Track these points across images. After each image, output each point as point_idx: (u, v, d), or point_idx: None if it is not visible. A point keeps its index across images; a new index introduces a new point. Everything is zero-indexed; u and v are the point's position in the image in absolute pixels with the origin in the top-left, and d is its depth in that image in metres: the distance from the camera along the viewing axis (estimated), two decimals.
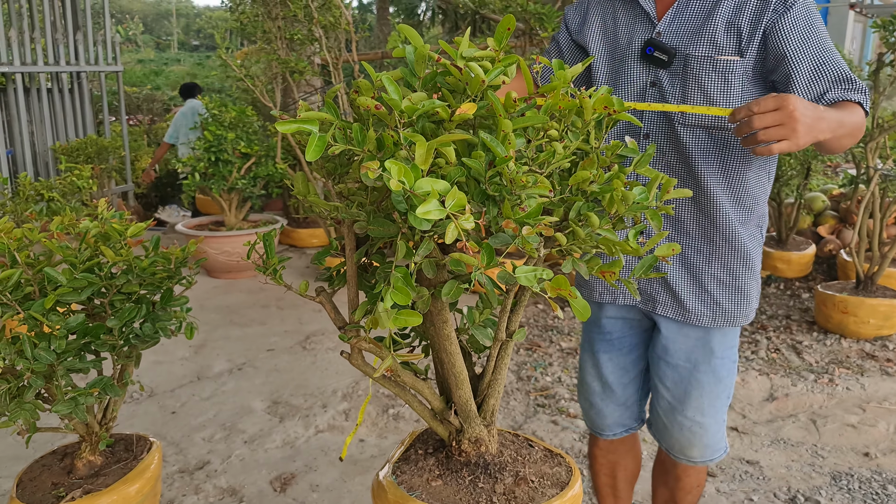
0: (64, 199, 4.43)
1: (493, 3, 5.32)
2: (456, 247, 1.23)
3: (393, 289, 1.10)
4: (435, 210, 0.99)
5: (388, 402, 3.50)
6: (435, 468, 1.41)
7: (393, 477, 1.39)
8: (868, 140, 4.19)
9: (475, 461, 1.41)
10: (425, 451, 1.48)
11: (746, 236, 1.78)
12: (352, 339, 1.30)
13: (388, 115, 1.17)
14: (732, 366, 1.89)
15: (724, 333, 1.84)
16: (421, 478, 1.39)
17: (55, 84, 6.39)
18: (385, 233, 1.17)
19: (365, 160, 1.12)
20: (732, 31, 1.63)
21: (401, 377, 1.36)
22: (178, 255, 2.14)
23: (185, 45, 49.13)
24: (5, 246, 1.99)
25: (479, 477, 1.38)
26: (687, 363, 1.86)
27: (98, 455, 2.17)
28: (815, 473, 2.93)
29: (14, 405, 1.92)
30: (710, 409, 1.86)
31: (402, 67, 1.26)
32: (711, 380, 1.84)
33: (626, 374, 2.00)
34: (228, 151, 5.42)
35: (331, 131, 1.12)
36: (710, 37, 1.64)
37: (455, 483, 1.37)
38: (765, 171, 1.79)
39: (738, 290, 1.80)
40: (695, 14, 1.69)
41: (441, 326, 1.30)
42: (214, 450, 3.07)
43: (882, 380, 3.78)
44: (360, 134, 1.13)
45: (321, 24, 4.92)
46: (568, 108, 1.29)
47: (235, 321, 4.66)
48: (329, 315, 1.35)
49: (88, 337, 2.03)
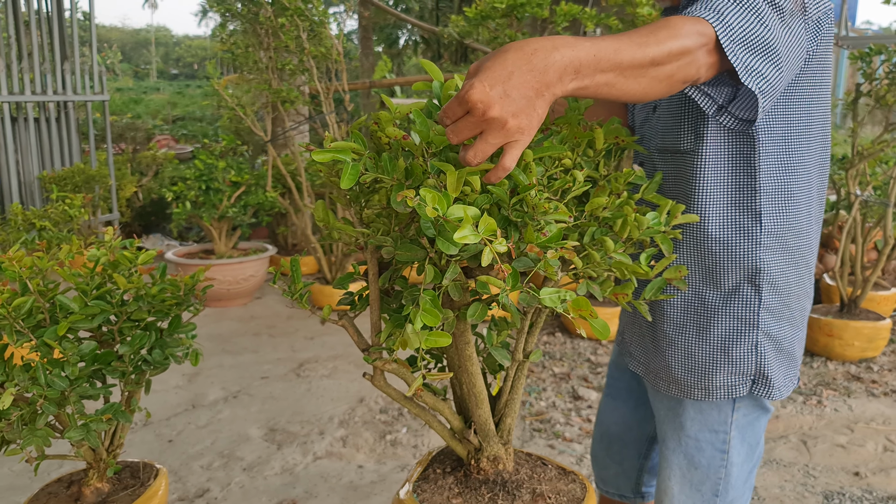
0: (56, 228, 4.43)
1: (481, 35, 5.42)
2: (478, 271, 1.28)
3: (422, 311, 1.15)
4: (470, 235, 1.04)
5: (384, 428, 3.53)
6: (454, 486, 1.45)
7: (414, 496, 1.42)
8: (848, 167, 4.31)
9: (493, 479, 1.45)
10: (443, 470, 1.52)
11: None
12: (376, 361, 1.34)
13: (413, 145, 1.22)
14: (718, 454, 1.47)
15: (700, 409, 1.46)
16: (441, 496, 1.42)
17: (42, 113, 6.40)
18: (413, 257, 1.22)
19: (395, 188, 1.17)
20: None
21: (422, 398, 1.40)
22: (187, 282, 2.17)
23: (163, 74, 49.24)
24: (17, 274, 2.01)
25: (498, 494, 1.42)
26: (661, 426, 1.55)
27: (106, 482, 2.18)
28: (808, 493, 2.98)
29: (26, 432, 1.93)
30: (681, 496, 1.50)
31: (428, 99, 1.31)
32: (683, 463, 1.49)
33: (627, 431, 1.78)
34: (219, 180, 5.45)
35: (363, 161, 1.17)
36: None
37: (475, 500, 1.41)
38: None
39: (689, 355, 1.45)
40: None
41: (463, 347, 1.34)
42: (214, 477, 3.07)
43: (868, 401, 3.86)
44: (389, 163, 1.18)
45: (312, 55, 4.99)
46: (582, 139, 1.35)
47: (228, 349, 4.66)
48: (352, 338, 1.39)
49: (98, 364, 2.05)
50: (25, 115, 6.21)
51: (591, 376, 4.18)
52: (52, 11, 6.43)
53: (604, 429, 1.83)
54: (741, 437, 1.46)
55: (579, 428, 3.53)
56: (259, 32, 5.11)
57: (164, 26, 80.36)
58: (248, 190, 5.64)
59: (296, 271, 1.40)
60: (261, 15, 4.98)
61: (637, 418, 1.74)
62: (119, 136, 12.54)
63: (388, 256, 1.26)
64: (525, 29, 5.29)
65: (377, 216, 1.37)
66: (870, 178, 4.48)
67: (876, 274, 4.37)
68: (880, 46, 4.07)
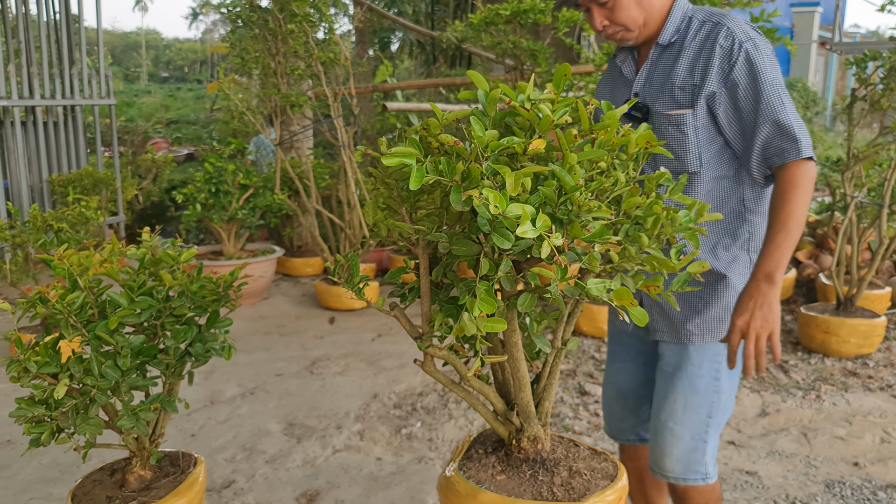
0: (73, 230, 4.53)
1: (485, 40, 5.55)
2: (526, 264, 1.40)
3: (479, 300, 1.27)
4: (530, 230, 1.15)
5: (399, 422, 3.64)
6: (497, 464, 1.56)
7: (461, 472, 1.54)
8: (844, 170, 4.45)
9: (533, 457, 1.57)
10: (485, 450, 1.63)
11: (723, 263, 1.90)
12: (428, 348, 1.46)
13: (465, 149, 1.34)
14: (713, 382, 1.92)
15: (699, 348, 1.92)
16: (486, 472, 1.54)
17: (50, 117, 6.48)
18: (468, 252, 1.33)
19: (454, 189, 1.29)
20: (686, 87, 1.82)
21: (471, 382, 1.52)
22: (226, 279, 2.28)
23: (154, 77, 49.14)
24: (67, 271, 2.11)
25: (539, 471, 1.54)
26: (669, 368, 1.96)
27: (148, 470, 2.28)
28: (810, 482, 3.11)
29: (80, 420, 2.04)
30: (683, 417, 1.92)
31: (474, 108, 1.43)
32: (687, 388, 1.92)
33: (640, 386, 2.15)
34: (228, 182, 5.55)
35: (425, 164, 1.29)
36: (670, 93, 1.84)
37: (517, 477, 1.53)
38: (741, 203, 1.91)
39: (694, 310, 1.91)
40: (657, 74, 1.90)
41: (510, 335, 1.46)
42: (238, 469, 3.18)
43: (865, 395, 4.00)
44: (448, 167, 1.30)
45: (321, 60, 5.10)
46: (619, 143, 1.47)
47: (240, 348, 4.76)
48: (404, 327, 1.50)
49: (143, 357, 2.16)
50: (34, 119, 6.30)
51: (597, 373, 4.30)
52: (61, 18, 6.52)
53: (618, 388, 2.19)
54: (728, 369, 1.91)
55: (587, 422, 3.65)
56: (268, 38, 5.22)
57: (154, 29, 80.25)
58: (256, 192, 5.75)
59: (355, 266, 1.51)
60: (270, 21, 5.09)
61: (647, 374, 2.11)
62: (118, 140, 12.61)
63: (445, 251, 1.37)
64: (527, 35, 5.42)
65: (426, 216, 1.48)
66: (864, 180, 4.62)
67: (871, 273, 4.51)
68: (875, 52, 4.21)
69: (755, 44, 1.74)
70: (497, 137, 1.33)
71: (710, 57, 1.77)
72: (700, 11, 1.86)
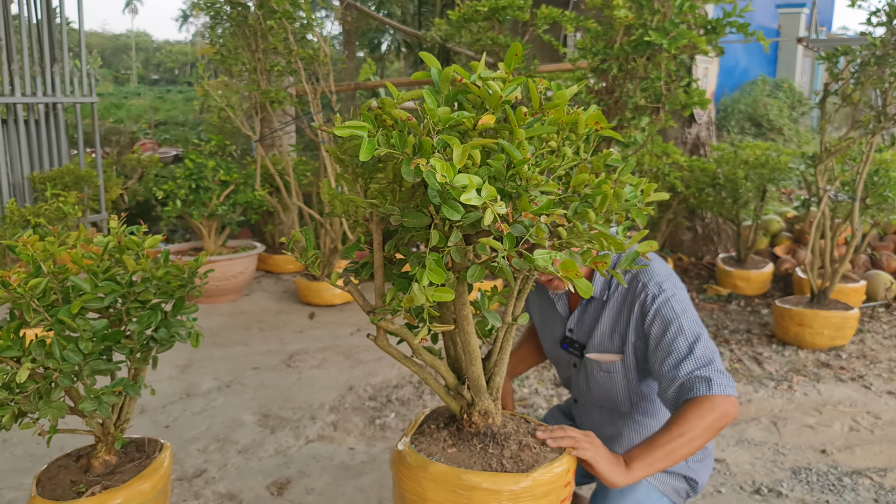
0: (50, 225, 4.53)
1: (464, 37, 5.57)
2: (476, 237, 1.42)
3: (429, 270, 1.29)
4: (475, 197, 1.18)
5: (374, 413, 3.66)
6: (448, 438, 1.58)
7: (413, 446, 1.56)
8: (817, 163, 4.49)
9: (484, 431, 1.59)
10: (437, 425, 1.65)
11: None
12: (381, 321, 1.48)
13: (417, 125, 1.36)
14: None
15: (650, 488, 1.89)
16: (437, 446, 1.56)
17: (31, 115, 6.48)
18: (419, 224, 1.35)
19: (405, 161, 1.31)
20: (614, 337, 1.92)
21: (421, 355, 1.54)
22: (191, 265, 2.29)
23: (144, 79, 49.01)
24: (31, 256, 2.13)
25: (489, 444, 1.56)
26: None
27: (113, 455, 2.29)
28: (777, 468, 3.14)
29: (42, 404, 2.05)
30: None
31: (427, 88, 1.45)
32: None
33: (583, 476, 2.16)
34: (209, 179, 5.56)
35: (376, 137, 1.30)
36: (599, 341, 1.95)
37: (468, 450, 1.55)
38: None
39: None
40: (587, 322, 1.99)
41: (461, 308, 1.48)
42: (210, 459, 3.19)
43: (836, 386, 4.04)
44: (399, 139, 1.32)
45: (300, 57, 5.12)
46: (568, 122, 1.50)
47: (219, 342, 4.77)
48: (357, 301, 1.52)
49: (107, 342, 2.17)
50: (15, 117, 6.29)
51: None
52: (42, 15, 6.51)
53: None
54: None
55: None
56: (247, 35, 5.23)
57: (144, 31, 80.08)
58: (236, 189, 5.76)
59: (309, 240, 1.53)
60: (249, 17, 5.10)
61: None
62: (103, 140, 12.59)
63: (396, 224, 1.39)
64: (506, 31, 5.45)
65: (380, 193, 1.50)
66: (837, 174, 4.67)
67: (844, 266, 4.56)
68: (846, 48, 4.26)
69: (667, 296, 1.82)
70: (449, 113, 1.35)
71: (630, 309, 1.87)
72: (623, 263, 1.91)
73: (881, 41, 4.06)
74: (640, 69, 4.13)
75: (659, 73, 4.12)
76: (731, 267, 5.79)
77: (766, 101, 14.29)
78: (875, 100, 4.34)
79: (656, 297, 1.82)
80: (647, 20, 3.96)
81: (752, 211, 5.63)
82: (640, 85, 4.25)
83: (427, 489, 1.49)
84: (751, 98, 14.35)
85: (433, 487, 1.48)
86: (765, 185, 5.47)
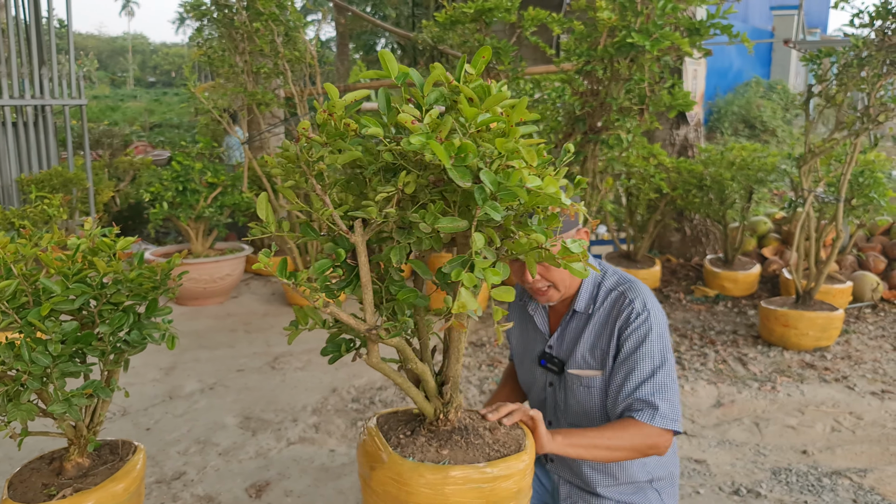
0: (35, 228, 4.52)
1: (452, 39, 5.58)
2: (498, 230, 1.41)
3: (489, 271, 1.29)
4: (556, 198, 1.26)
5: (356, 415, 3.65)
6: (433, 442, 1.58)
7: (410, 458, 1.53)
8: (801, 164, 4.50)
9: (457, 427, 1.60)
10: (408, 434, 1.63)
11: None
12: (377, 339, 1.47)
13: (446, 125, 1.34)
14: None
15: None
16: (430, 453, 1.55)
17: (20, 117, 6.47)
18: (454, 228, 1.32)
19: (457, 166, 1.28)
20: (595, 351, 1.96)
21: (415, 364, 1.54)
22: (164, 267, 2.29)
23: (140, 82, 49.01)
24: (1, 259, 2.12)
25: (469, 437, 1.57)
26: None
27: (86, 457, 2.29)
28: (757, 469, 3.15)
29: (11, 406, 2.05)
30: None
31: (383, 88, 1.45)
32: None
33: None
34: (196, 181, 5.56)
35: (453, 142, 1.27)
36: (581, 356, 1.98)
37: (458, 446, 1.55)
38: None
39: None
40: (570, 336, 2.02)
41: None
42: (190, 462, 3.19)
43: (820, 386, 4.04)
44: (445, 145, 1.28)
45: (287, 59, 5.12)
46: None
47: (204, 345, 4.77)
48: (347, 322, 1.45)
49: (79, 344, 2.17)
50: (3, 120, 6.28)
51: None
52: (30, 18, 6.51)
53: None
54: None
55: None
56: (234, 37, 5.23)
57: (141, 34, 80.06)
58: (224, 191, 5.75)
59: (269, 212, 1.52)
60: (236, 20, 5.10)
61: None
62: (96, 143, 12.59)
63: (428, 229, 1.35)
64: (493, 34, 5.45)
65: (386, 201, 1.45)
66: (822, 175, 4.67)
67: (829, 267, 4.56)
68: (829, 49, 4.27)
69: (647, 316, 1.88)
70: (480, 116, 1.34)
71: (614, 322, 1.92)
72: (610, 278, 1.99)
73: (864, 42, 4.07)
74: (624, 71, 4.13)
75: (643, 74, 4.13)
76: (718, 268, 5.80)
77: (759, 102, 14.31)
78: (859, 101, 4.34)
79: (640, 314, 1.89)
80: (631, 22, 3.96)
81: (739, 212, 5.64)
82: (625, 86, 4.25)
83: (449, 495, 1.48)
84: (744, 100, 14.37)
85: (456, 491, 1.48)
86: (751, 187, 5.48)
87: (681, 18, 3.96)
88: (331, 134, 1.36)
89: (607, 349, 1.93)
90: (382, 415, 1.78)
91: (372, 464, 1.58)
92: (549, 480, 2.18)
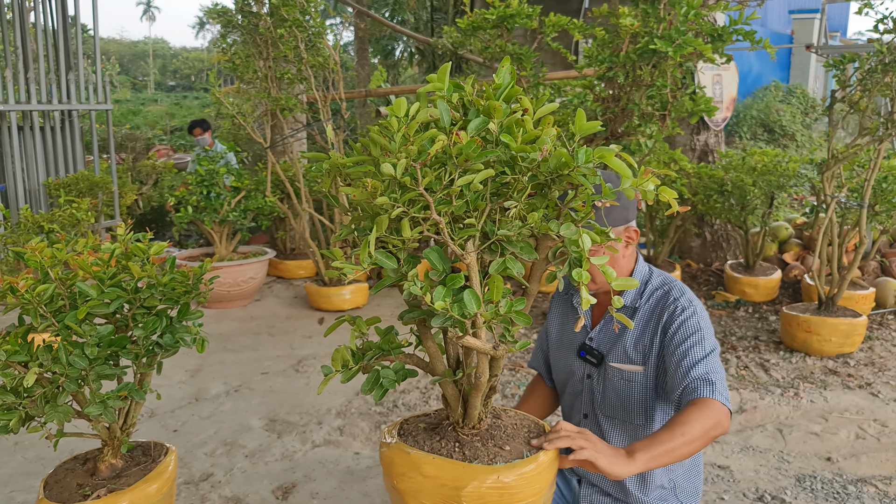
0: (63, 231, 4.60)
1: (473, 45, 5.61)
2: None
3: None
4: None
5: (380, 418, 3.69)
6: (463, 449, 1.60)
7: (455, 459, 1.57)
8: (825, 170, 4.49)
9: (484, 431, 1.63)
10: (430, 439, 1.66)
11: None
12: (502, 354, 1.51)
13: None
14: None
15: None
16: (480, 451, 1.58)
17: (47, 122, 6.57)
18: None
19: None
20: (639, 346, 1.99)
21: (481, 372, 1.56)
22: (196, 272, 2.33)
23: (161, 86, 49.43)
24: (39, 263, 2.18)
25: (497, 437, 1.61)
26: None
27: (119, 458, 2.33)
28: (781, 476, 3.15)
29: (49, 408, 2.10)
30: None
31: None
32: None
33: None
34: (220, 185, 5.62)
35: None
36: (623, 349, 2.01)
37: (489, 450, 1.57)
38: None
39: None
40: (613, 330, 2.05)
41: None
42: (217, 463, 3.23)
43: (843, 393, 4.03)
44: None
45: (310, 64, 5.18)
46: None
47: (229, 347, 4.82)
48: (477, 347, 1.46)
49: (113, 347, 2.21)
50: (31, 124, 6.38)
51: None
52: (58, 24, 6.61)
53: None
54: None
55: None
56: (258, 43, 5.29)
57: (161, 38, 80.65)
58: (247, 195, 5.82)
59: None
60: (260, 26, 5.16)
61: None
62: (119, 146, 12.73)
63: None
64: (515, 40, 5.48)
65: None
66: (845, 180, 4.66)
67: (852, 273, 4.55)
68: (853, 55, 4.26)
69: (694, 311, 1.94)
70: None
71: (659, 319, 1.97)
72: (656, 277, 2.05)
73: (888, 48, 4.06)
74: (647, 77, 4.15)
75: (665, 80, 4.14)
76: (739, 273, 5.79)
77: (778, 106, 14.24)
78: (883, 106, 4.33)
79: (685, 309, 1.94)
80: (653, 28, 3.98)
81: (761, 217, 5.63)
82: (647, 92, 4.27)
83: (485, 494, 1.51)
84: (763, 104, 14.30)
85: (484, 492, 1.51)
86: (773, 192, 5.47)
87: (703, 24, 3.97)
88: (469, 155, 1.34)
89: (650, 346, 1.97)
90: (408, 419, 1.80)
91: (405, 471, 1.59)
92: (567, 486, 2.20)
